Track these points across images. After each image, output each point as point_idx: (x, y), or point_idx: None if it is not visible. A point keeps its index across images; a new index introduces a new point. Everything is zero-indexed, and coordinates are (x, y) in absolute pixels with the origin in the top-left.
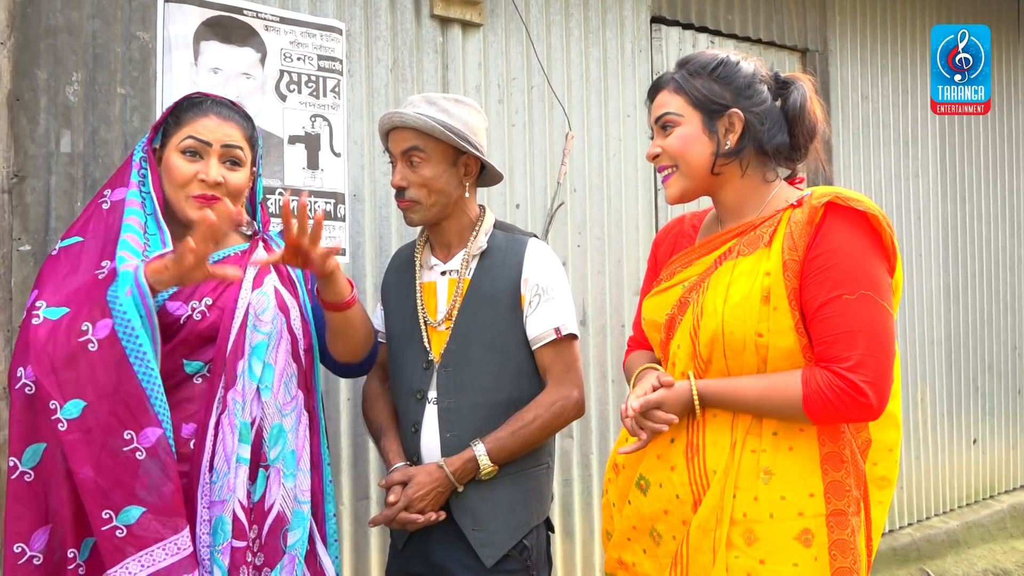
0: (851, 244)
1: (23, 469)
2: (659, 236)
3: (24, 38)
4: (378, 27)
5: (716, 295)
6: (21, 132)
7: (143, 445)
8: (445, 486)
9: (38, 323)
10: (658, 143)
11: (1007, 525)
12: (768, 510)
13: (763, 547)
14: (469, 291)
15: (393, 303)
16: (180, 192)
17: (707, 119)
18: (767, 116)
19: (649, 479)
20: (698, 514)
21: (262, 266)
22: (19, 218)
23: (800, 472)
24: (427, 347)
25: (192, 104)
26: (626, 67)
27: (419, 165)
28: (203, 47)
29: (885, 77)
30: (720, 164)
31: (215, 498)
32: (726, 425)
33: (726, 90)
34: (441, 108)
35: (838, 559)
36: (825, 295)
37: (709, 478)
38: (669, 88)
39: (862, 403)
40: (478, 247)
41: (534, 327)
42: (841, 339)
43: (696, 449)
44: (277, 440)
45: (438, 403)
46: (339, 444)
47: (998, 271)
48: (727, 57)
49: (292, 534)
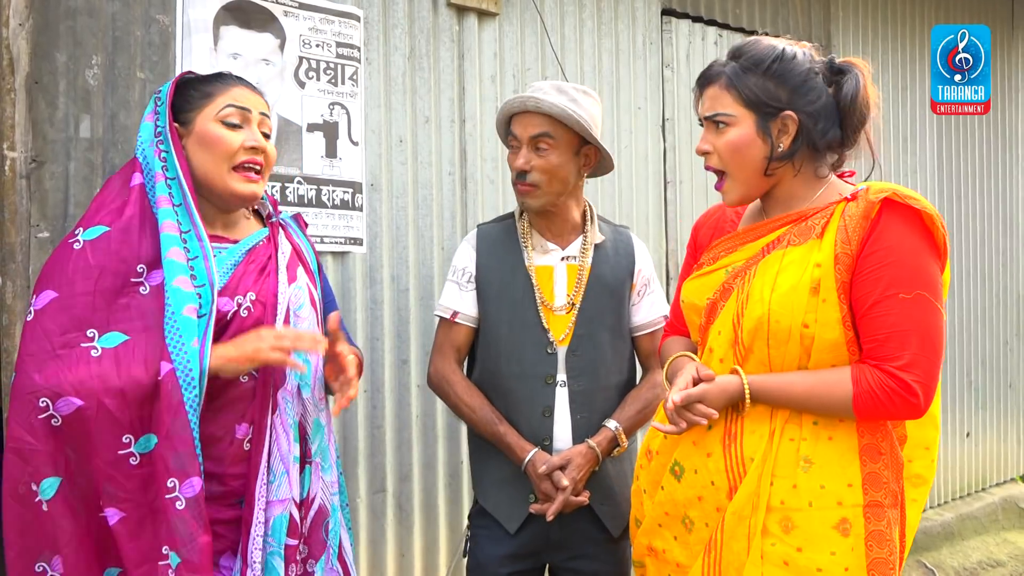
0: (908, 242)
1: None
2: (700, 220)
3: (43, 20)
4: (395, 15)
5: (764, 283)
6: (40, 116)
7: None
8: (594, 466)
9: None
10: (709, 141)
11: (999, 517)
12: (807, 498)
13: (801, 535)
14: (591, 278)
15: (497, 285)
16: (224, 164)
17: (760, 120)
18: (820, 113)
19: (684, 465)
20: (734, 501)
21: (291, 256)
22: (37, 204)
23: (839, 461)
24: (547, 331)
25: (212, 76)
26: (637, 59)
27: (546, 152)
28: (223, 32)
29: (886, 74)
30: (773, 167)
31: (273, 498)
32: (765, 413)
33: (780, 89)
34: (571, 97)
35: (874, 550)
36: (880, 292)
37: (746, 465)
38: (721, 83)
39: (911, 403)
40: (599, 236)
41: (644, 315)
42: (894, 338)
43: (734, 436)
44: (316, 435)
45: (569, 386)
46: (356, 437)
47: (991, 267)
48: (783, 51)
49: (331, 524)
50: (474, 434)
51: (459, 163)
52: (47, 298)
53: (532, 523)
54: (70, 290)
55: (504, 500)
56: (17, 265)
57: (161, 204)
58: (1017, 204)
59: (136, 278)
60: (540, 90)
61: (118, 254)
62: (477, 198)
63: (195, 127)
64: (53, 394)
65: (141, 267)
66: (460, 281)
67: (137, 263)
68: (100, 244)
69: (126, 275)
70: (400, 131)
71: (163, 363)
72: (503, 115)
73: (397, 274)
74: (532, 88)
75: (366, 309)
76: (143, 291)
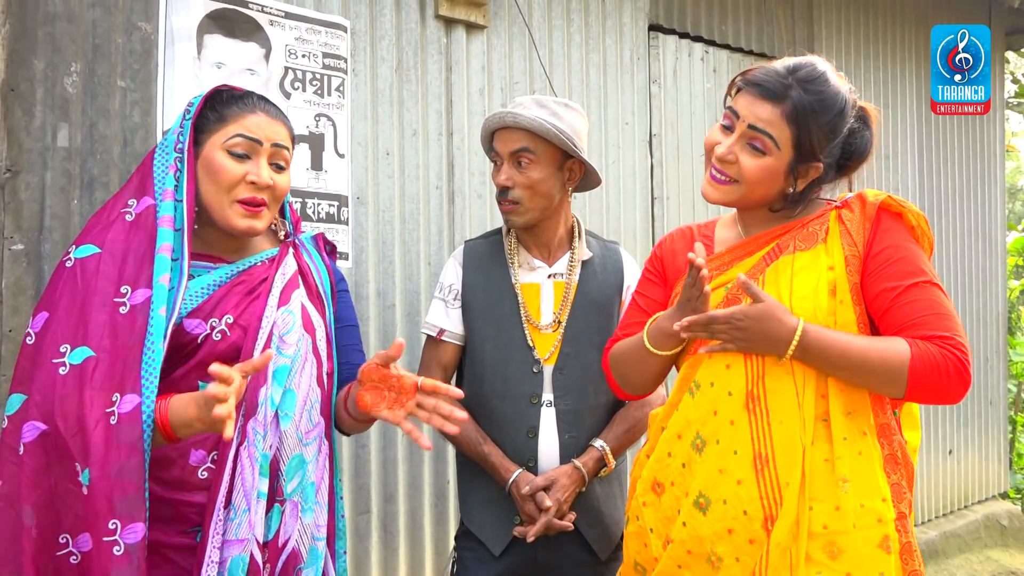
0: (906, 241)
1: None
2: (667, 246)
3: (21, 25)
4: (383, 26)
5: (780, 288)
6: (16, 124)
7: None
8: (580, 487)
9: (64, 372)
10: (735, 152)
11: (982, 535)
12: (851, 520)
13: (849, 560)
14: (578, 295)
15: (483, 303)
16: (225, 196)
17: (795, 162)
18: (835, 161)
19: (710, 496)
20: (776, 531)
21: (292, 277)
22: (12, 215)
23: (872, 476)
24: (532, 349)
25: (235, 98)
26: (624, 73)
27: (527, 167)
28: (207, 40)
29: (867, 93)
30: (781, 203)
31: (231, 537)
32: (795, 431)
33: (826, 142)
34: (552, 111)
35: (909, 563)
36: (904, 281)
37: (783, 491)
38: (784, 109)
39: (964, 374)
40: (586, 253)
41: None
42: (932, 316)
43: (765, 460)
44: (296, 472)
45: (556, 406)
46: (340, 457)
47: (970, 285)
48: (845, 104)
49: (306, 572)
50: (460, 454)
51: (447, 177)
52: (41, 320)
53: (518, 545)
54: (56, 309)
55: (489, 521)
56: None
57: (163, 224)
58: (996, 221)
59: (119, 297)
60: (520, 105)
61: (105, 274)
62: (465, 212)
63: (204, 151)
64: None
65: (125, 288)
66: (447, 298)
67: (121, 284)
68: (89, 264)
69: (109, 294)
70: (387, 144)
71: (131, 395)
72: (485, 131)
73: (383, 289)
74: (513, 103)
75: None
76: (123, 310)
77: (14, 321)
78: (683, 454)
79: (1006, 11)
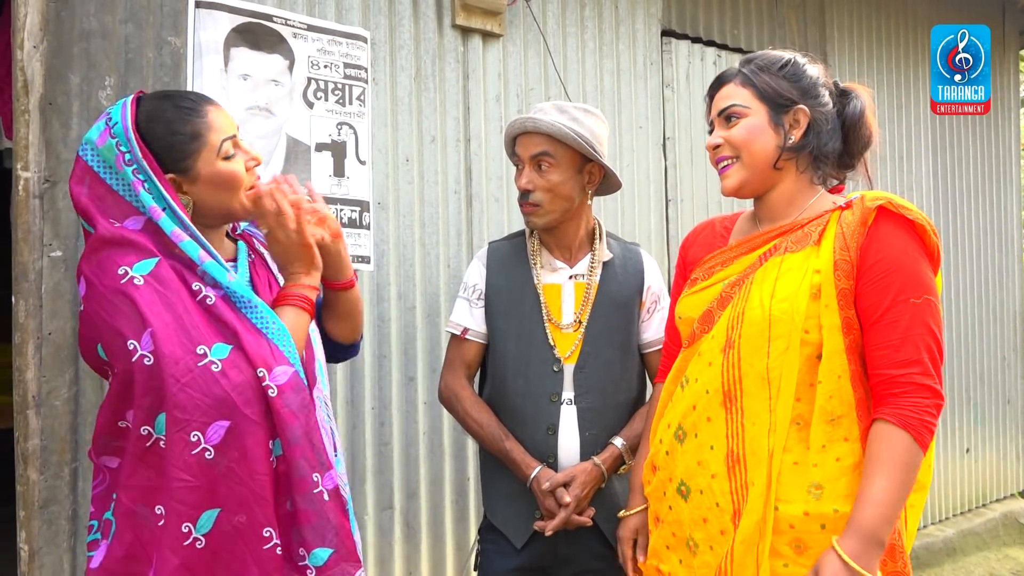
0: (907, 249)
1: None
2: (688, 239)
3: (57, 42)
4: (402, 36)
5: (763, 290)
6: (54, 136)
7: (327, 488)
8: (599, 483)
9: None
10: (720, 134)
11: (1000, 533)
12: (819, 522)
13: (815, 555)
14: (599, 296)
15: (506, 303)
16: (240, 193)
17: (774, 112)
18: (828, 118)
19: (690, 485)
20: (741, 529)
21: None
22: (50, 223)
23: (847, 482)
24: (553, 348)
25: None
26: (638, 79)
27: (547, 170)
28: (233, 53)
29: (881, 93)
30: (784, 158)
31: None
32: (763, 434)
33: (793, 87)
34: (572, 116)
35: (888, 564)
36: (892, 299)
37: (749, 490)
38: (736, 81)
39: (939, 404)
40: (607, 254)
41: (654, 331)
42: (909, 342)
43: (737, 459)
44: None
45: (576, 404)
46: (364, 454)
47: (987, 284)
48: (794, 57)
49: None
50: (483, 450)
51: (465, 182)
52: (148, 338)
53: (539, 538)
54: (163, 320)
55: (511, 515)
56: (30, 284)
57: (176, 237)
58: (1012, 220)
59: (199, 295)
60: (540, 110)
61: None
62: (483, 216)
63: (199, 173)
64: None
65: (196, 285)
66: (470, 298)
67: (193, 280)
68: (161, 273)
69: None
70: (407, 150)
71: (284, 367)
72: (508, 136)
73: (404, 292)
74: (534, 109)
75: (373, 327)
76: (209, 302)
77: (53, 324)
78: (668, 442)
79: (1020, 10)
